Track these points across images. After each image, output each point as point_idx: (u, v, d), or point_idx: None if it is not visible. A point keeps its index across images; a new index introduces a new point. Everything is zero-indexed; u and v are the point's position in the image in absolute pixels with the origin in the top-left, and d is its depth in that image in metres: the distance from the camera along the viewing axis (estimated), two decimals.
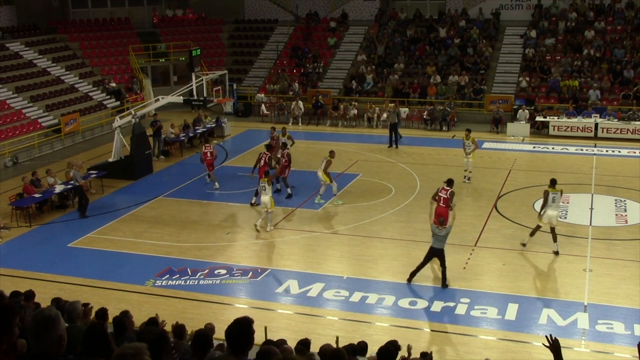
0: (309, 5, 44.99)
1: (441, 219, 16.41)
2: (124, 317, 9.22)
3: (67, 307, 7.95)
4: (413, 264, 18.00)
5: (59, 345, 4.42)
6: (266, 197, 20.09)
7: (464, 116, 34.58)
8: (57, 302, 10.77)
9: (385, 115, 33.75)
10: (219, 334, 9.24)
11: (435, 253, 16.43)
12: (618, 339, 14.11)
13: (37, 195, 22.25)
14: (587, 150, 29.57)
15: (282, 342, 9.43)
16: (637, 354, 7.34)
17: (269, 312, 15.67)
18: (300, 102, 35.98)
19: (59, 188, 22.99)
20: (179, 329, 9.80)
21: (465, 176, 24.69)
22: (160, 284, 17.11)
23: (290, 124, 34.54)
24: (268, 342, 9.48)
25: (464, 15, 40.87)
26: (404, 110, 34.24)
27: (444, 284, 16.48)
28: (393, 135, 30.33)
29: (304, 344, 9.75)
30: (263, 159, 22.96)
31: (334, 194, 23.06)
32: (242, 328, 5.41)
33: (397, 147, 30.15)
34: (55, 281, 17.21)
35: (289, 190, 23.62)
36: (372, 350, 9.98)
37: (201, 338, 7.28)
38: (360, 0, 44.12)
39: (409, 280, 16.77)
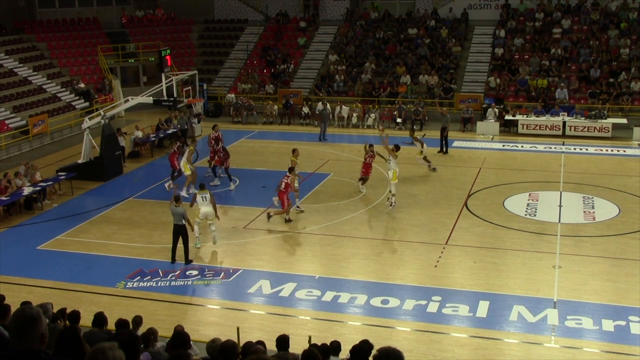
0: (278, 5, 44.96)
1: None
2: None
3: None
4: (385, 263, 18.17)
5: (42, 343, 4.48)
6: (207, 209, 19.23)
7: (434, 115, 34.77)
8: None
9: (355, 116, 33.93)
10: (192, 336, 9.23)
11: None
12: (587, 334, 14.30)
13: (4, 198, 21.96)
14: (555, 148, 29.93)
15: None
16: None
17: (241, 313, 15.65)
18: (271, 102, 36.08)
19: (27, 190, 22.72)
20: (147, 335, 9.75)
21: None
22: (131, 285, 17.00)
23: (262, 124, 34.80)
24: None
25: (433, 15, 41.12)
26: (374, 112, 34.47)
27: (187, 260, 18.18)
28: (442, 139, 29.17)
29: (283, 340, 9.75)
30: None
31: (186, 187, 23.74)
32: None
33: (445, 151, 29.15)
34: (24, 284, 16.95)
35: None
36: (345, 349, 10.01)
37: (179, 337, 7.27)
38: (330, 0, 44.23)
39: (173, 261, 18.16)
